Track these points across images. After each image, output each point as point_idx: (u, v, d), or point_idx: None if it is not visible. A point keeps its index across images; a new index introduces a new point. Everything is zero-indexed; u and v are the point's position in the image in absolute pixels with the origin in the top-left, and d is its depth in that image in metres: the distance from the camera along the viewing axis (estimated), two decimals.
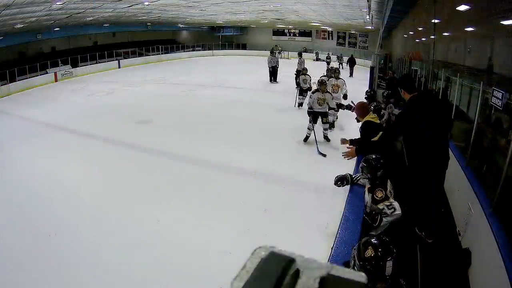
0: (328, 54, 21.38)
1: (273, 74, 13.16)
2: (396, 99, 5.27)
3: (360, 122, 3.76)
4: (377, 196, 2.34)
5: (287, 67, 13.77)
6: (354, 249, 1.51)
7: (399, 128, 2.79)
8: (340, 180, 2.87)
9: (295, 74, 11.36)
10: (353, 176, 2.88)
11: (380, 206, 2.31)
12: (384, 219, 2.29)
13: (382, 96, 5.78)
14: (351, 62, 16.87)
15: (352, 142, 3.30)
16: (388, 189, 2.42)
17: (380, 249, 1.41)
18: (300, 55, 12.67)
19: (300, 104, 8.58)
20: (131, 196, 4.43)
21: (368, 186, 2.53)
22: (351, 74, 16.12)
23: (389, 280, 1.42)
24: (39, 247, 3.39)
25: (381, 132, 3.02)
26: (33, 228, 3.73)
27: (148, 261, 3.16)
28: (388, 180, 2.50)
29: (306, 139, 6.27)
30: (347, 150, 3.05)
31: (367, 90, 6.23)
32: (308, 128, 6.13)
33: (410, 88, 2.77)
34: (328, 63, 18.93)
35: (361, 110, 3.78)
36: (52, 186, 4.80)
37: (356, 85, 11.30)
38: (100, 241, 3.46)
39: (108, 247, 3.37)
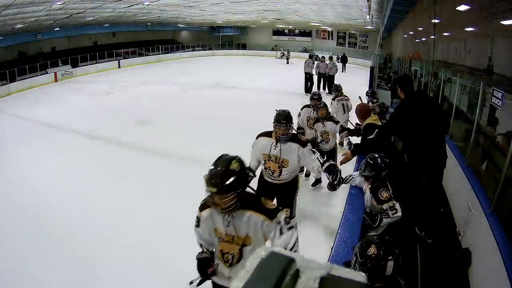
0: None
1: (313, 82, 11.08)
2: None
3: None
4: (382, 196, 2.33)
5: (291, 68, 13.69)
6: (357, 246, 1.52)
7: (395, 125, 2.80)
8: (334, 186, 2.57)
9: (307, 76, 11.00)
10: (344, 177, 2.74)
11: (384, 206, 2.30)
12: (384, 220, 2.29)
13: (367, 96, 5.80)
14: (343, 60, 18.87)
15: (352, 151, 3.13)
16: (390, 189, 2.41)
17: (382, 249, 1.43)
18: (311, 57, 11.48)
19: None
20: (131, 196, 4.43)
21: (368, 185, 2.52)
22: (343, 70, 17.73)
23: (388, 280, 1.43)
24: (39, 246, 3.39)
25: (377, 130, 3.01)
26: (33, 228, 3.73)
27: (148, 260, 3.16)
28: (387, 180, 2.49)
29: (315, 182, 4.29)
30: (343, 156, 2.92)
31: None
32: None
33: (408, 89, 2.80)
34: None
35: (361, 112, 3.71)
36: (52, 186, 4.80)
37: (356, 85, 11.30)
38: (100, 241, 3.46)
39: (107, 247, 3.37)
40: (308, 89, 10.82)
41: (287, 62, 21.86)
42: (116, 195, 4.47)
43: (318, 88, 11.15)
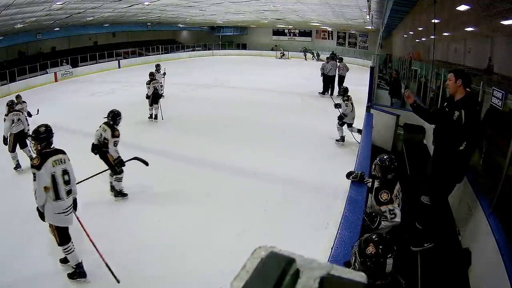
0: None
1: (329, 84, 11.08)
2: None
3: None
4: (381, 197, 2.32)
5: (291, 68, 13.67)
6: (355, 245, 1.52)
7: (478, 128, 2.60)
8: (351, 174, 2.88)
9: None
10: (365, 177, 2.82)
11: (383, 208, 2.29)
12: (383, 223, 2.28)
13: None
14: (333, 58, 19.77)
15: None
16: (395, 193, 2.39)
17: (381, 246, 1.43)
18: (334, 58, 11.49)
19: None
20: (130, 196, 4.43)
21: (376, 185, 2.51)
22: None
23: (389, 278, 1.43)
24: (39, 247, 3.39)
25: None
26: (33, 228, 3.72)
27: (148, 261, 3.16)
28: (398, 183, 2.46)
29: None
30: None
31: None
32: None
33: (468, 84, 2.64)
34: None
35: None
36: None
37: (356, 86, 11.29)
38: (99, 242, 3.45)
39: (107, 248, 3.36)
40: (326, 91, 10.84)
41: (281, 57, 24.70)
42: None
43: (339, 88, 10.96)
